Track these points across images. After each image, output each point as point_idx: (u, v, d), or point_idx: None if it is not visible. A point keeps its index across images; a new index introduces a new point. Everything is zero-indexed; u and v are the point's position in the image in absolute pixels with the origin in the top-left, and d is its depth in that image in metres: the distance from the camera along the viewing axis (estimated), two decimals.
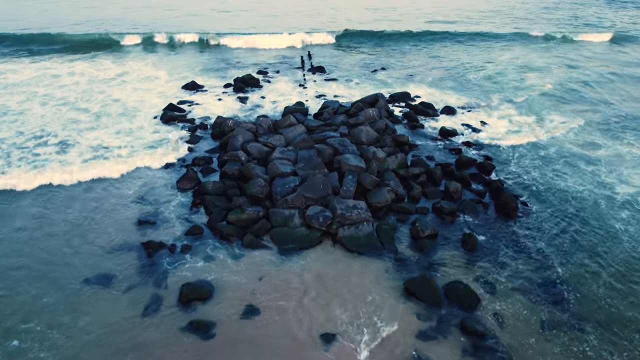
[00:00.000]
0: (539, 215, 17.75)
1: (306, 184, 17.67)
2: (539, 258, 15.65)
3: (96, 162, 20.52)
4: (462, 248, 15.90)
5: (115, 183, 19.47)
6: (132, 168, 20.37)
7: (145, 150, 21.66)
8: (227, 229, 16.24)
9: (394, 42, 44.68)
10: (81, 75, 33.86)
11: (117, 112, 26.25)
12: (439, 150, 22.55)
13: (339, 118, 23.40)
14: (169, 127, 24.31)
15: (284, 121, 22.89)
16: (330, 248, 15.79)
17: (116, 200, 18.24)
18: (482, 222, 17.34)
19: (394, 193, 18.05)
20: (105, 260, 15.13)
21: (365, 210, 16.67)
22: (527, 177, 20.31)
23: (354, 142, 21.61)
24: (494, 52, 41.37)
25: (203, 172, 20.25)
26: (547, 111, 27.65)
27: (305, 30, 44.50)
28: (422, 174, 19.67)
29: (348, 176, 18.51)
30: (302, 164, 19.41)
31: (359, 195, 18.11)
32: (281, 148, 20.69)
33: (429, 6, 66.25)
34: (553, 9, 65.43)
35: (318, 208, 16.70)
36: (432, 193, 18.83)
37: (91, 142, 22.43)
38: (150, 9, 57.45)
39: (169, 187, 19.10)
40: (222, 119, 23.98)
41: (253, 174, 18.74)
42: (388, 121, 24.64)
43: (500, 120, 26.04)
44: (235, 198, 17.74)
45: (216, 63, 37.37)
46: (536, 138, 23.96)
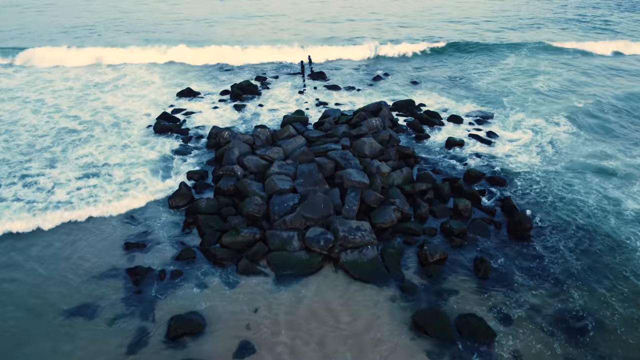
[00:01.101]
0: (552, 235, 16.58)
1: (306, 202, 16.52)
2: (555, 284, 14.50)
3: (85, 204, 17.73)
4: (473, 274, 14.74)
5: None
6: (123, 210, 17.72)
7: (138, 186, 19.04)
8: (221, 253, 15.09)
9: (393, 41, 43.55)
10: (76, 80, 32.77)
11: (110, 122, 25.11)
12: (446, 163, 21.39)
13: (341, 129, 22.25)
14: (162, 140, 23.11)
15: (282, 132, 21.75)
16: (331, 274, 14.63)
17: (101, 220, 17.09)
18: (494, 244, 16.18)
19: (399, 212, 16.89)
20: (87, 289, 13.98)
21: (369, 232, 15.52)
22: (538, 192, 19.13)
23: (356, 154, 20.47)
24: (501, 58, 40.18)
25: (197, 187, 19.10)
26: (556, 120, 26.48)
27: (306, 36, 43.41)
28: (429, 190, 18.52)
29: (351, 193, 17.37)
30: (302, 179, 18.27)
31: (363, 214, 16.97)
32: (279, 162, 19.55)
33: (432, 10, 65.17)
34: (564, 14, 64.25)
35: (318, 230, 15.55)
36: (440, 211, 17.67)
37: (82, 161, 20.88)
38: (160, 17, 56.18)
39: (160, 205, 17.95)
40: (218, 129, 22.84)
41: (249, 191, 17.60)
42: (392, 131, 23.49)
43: (508, 130, 24.87)
44: (230, 218, 16.60)
45: (213, 69, 36.23)
46: (545, 149, 22.79)
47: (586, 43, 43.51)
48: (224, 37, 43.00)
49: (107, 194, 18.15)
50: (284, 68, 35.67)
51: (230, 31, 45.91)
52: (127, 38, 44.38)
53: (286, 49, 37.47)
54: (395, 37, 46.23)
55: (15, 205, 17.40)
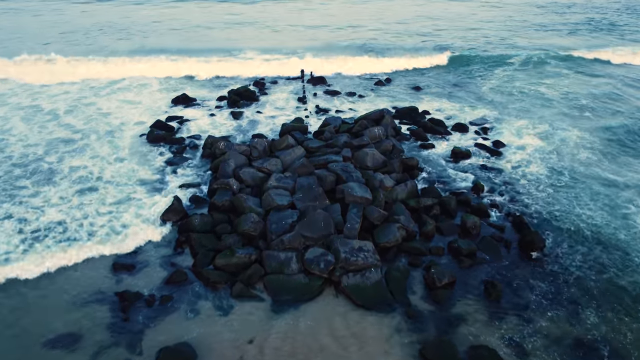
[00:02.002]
0: (564, 254, 15.65)
1: (305, 220, 15.56)
2: (570, 309, 13.60)
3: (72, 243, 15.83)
4: (484, 299, 13.79)
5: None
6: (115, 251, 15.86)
7: (129, 209, 17.57)
8: (214, 276, 14.14)
9: (392, 45, 42.64)
10: (71, 84, 31.86)
11: (105, 130, 24.21)
12: (452, 175, 20.42)
13: (342, 138, 21.29)
14: (155, 150, 22.13)
15: (281, 142, 20.79)
16: (332, 300, 13.68)
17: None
18: (504, 264, 15.22)
19: (404, 230, 15.93)
20: (71, 315, 13.04)
21: (372, 253, 14.57)
22: (546, 206, 18.19)
23: (358, 166, 19.52)
24: (505, 64, 39.22)
25: (191, 201, 18.15)
26: (563, 127, 25.53)
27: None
28: (435, 205, 17.57)
29: (352, 209, 16.41)
30: (301, 194, 17.32)
31: (365, 232, 16.02)
32: (277, 174, 18.60)
33: (437, 14, 64.26)
34: (575, 19, 63.30)
35: (318, 251, 14.59)
36: (447, 228, 16.72)
37: (75, 175, 19.80)
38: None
39: (152, 221, 16.98)
40: (213, 139, 21.89)
41: (245, 207, 16.64)
42: (395, 141, 22.56)
43: (514, 138, 23.92)
44: (225, 236, 15.64)
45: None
46: (552, 159, 21.82)
47: (594, 50, 42.50)
48: (223, 45, 41.95)
49: (95, 228, 16.48)
50: (283, 72, 34.67)
51: (228, 39, 44.85)
52: (125, 45, 43.46)
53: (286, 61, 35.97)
54: (401, 44, 45.32)
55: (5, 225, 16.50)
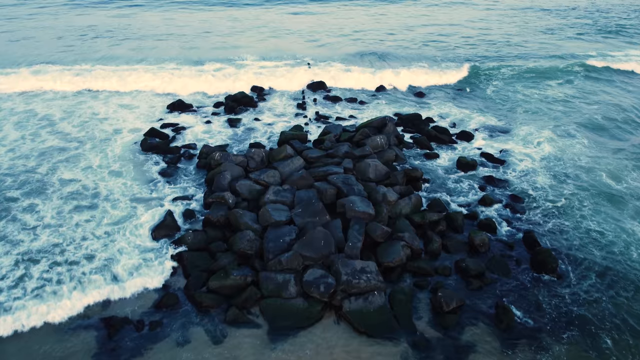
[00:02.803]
0: (578, 275, 14.79)
1: (304, 239, 14.69)
2: (587, 337, 12.76)
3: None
4: (495, 324, 12.92)
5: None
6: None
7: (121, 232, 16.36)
8: (208, 300, 13.28)
9: (399, 56, 41.73)
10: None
11: (99, 138, 23.42)
12: (458, 186, 19.56)
13: (343, 148, 20.42)
14: (149, 160, 21.28)
15: (279, 152, 19.93)
16: (333, 326, 12.81)
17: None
18: (516, 285, 14.36)
19: (409, 248, 15.07)
20: (54, 343, 12.17)
21: (375, 275, 13.70)
22: (556, 221, 17.34)
23: (360, 178, 18.67)
24: (510, 67, 38.35)
25: (185, 215, 17.28)
26: (571, 134, 24.66)
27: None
28: (441, 220, 16.71)
29: (354, 226, 15.56)
30: (300, 208, 16.45)
31: (368, 250, 15.16)
32: (275, 187, 17.74)
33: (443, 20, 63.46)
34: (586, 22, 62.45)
35: (318, 272, 13.73)
36: (454, 246, 15.86)
37: (66, 190, 19.06)
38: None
39: (143, 237, 16.10)
40: (209, 148, 21.04)
41: (241, 223, 15.78)
42: (398, 150, 21.72)
43: (521, 146, 23.06)
44: (219, 255, 14.80)
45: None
46: (560, 168, 20.95)
47: (603, 54, 41.53)
48: (223, 51, 41.03)
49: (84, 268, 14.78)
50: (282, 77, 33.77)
51: (226, 47, 43.93)
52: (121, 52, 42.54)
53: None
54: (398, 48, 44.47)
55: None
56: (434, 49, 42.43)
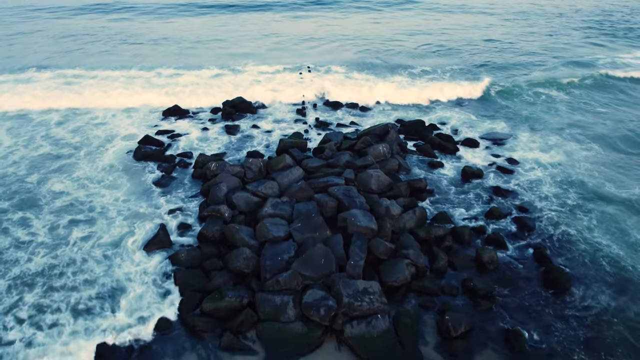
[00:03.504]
0: (590, 294, 14.00)
1: (304, 257, 13.95)
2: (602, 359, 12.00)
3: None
4: (505, 350, 12.17)
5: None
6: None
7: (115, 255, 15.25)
8: (201, 323, 12.53)
9: (400, 58, 41.00)
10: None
11: (94, 144, 22.85)
12: (464, 198, 18.80)
13: (344, 157, 19.68)
14: (143, 169, 20.53)
15: (277, 162, 19.18)
16: (334, 353, 12.06)
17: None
18: (527, 307, 13.59)
19: (414, 266, 14.32)
20: None
21: (379, 296, 12.95)
22: (567, 236, 16.54)
23: (361, 190, 17.92)
24: (515, 70, 37.59)
25: (179, 229, 16.54)
26: (579, 141, 23.91)
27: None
28: (447, 235, 15.96)
29: (356, 242, 14.80)
30: (299, 223, 15.70)
31: (370, 267, 14.41)
32: (274, 199, 17.00)
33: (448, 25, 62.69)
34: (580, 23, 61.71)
35: (318, 293, 12.97)
36: (460, 262, 15.11)
37: (56, 205, 18.36)
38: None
39: (134, 253, 15.35)
40: (205, 157, 20.30)
41: (237, 239, 15.03)
42: (401, 158, 20.98)
43: (529, 154, 22.31)
44: (214, 274, 14.05)
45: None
46: (569, 178, 20.18)
47: (613, 61, 40.64)
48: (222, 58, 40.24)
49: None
50: (281, 81, 33.00)
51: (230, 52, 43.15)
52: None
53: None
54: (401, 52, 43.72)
55: None
56: (443, 57, 41.68)
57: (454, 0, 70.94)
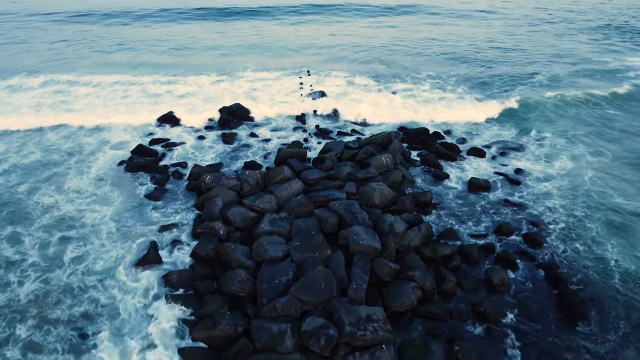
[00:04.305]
0: (607, 321, 13.09)
1: (303, 280, 13.09)
2: None
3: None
4: None
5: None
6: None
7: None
8: (192, 354, 11.65)
9: (402, 63, 40.16)
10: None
11: (86, 151, 22.25)
12: (471, 212, 17.92)
13: (345, 169, 18.83)
14: (135, 182, 19.65)
15: (276, 174, 18.32)
16: None
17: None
18: (541, 335, 12.71)
19: (420, 289, 13.46)
20: None
21: (383, 323, 12.08)
22: (580, 253, 15.67)
23: (364, 204, 17.07)
24: (522, 74, 36.70)
25: (171, 246, 15.68)
26: (588, 148, 23.05)
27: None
28: (455, 254, 15.10)
29: (359, 262, 13.94)
30: (298, 241, 14.85)
31: (373, 289, 13.55)
32: (271, 215, 16.15)
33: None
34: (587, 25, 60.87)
35: (318, 320, 12.10)
36: (469, 284, 14.24)
37: (43, 222, 17.41)
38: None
39: (124, 274, 14.47)
40: (200, 169, 19.44)
41: (232, 260, 14.17)
42: (405, 170, 20.11)
43: (537, 164, 21.46)
44: (207, 297, 13.21)
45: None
46: (581, 189, 19.34)
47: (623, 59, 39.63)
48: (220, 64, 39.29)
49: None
50: (281, 86, 32.14)
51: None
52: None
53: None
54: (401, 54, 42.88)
55: None
56: (457, 66, 40.82)
57: (463, 6, 70.11)
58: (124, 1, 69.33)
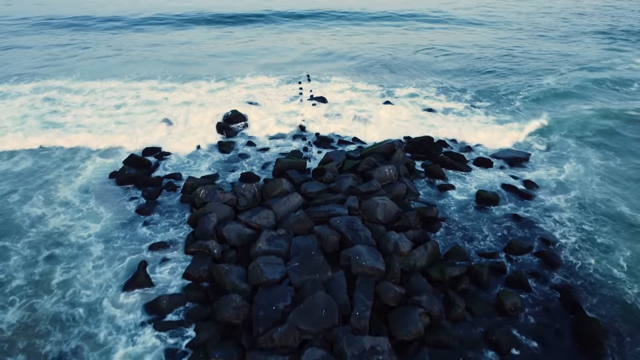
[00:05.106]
0: (628, 352, 12.22)
1: (302, 307, 12.19)
2: None
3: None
4: None
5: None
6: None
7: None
8: None
9: (404, 67, 39.27)
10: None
11: (78, 157, 21.58)
12: (479, 227, 17.02)
13: (347, 182, 17.94)
14: (125, 196, 18.72)
15: (274, 187, 17.42)
16: None
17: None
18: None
19: (427, 316, 12.56)
20: None
21: (388, 355, 11.20)
22: (596, 273, 14.78)
23: (366, 220, 16.19)
24: (532, 78, 35.75)
25: (162, 267, 14.78)
26: (599, 156, 22.17)
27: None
28: (464, 275, 14.20)
29: (362, 286, 13.06)
30: (297, 262, 13.96)
31: (377, 314, 12.66)
32: (269, 232, 15.26)
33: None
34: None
35: (318, 352, 11.21)
36: (479, 308, 13.35)
37: (27, 241, 16.54)
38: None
39: (112, 298, 13.56)
40: (194, 181, 18.55)
41: (227, 283, 13.28)
42: (409, 181, 19.22)
43: (547, 176, 20.56)
44: (199, 324, 12.31)
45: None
46: (593, 202, 18.47)
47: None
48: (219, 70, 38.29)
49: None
50: (280, 92, 31.24)
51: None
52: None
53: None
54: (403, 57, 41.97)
55: None
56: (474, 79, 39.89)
57: (473, 15, 69.20)
58: (118, 7, 68.39)
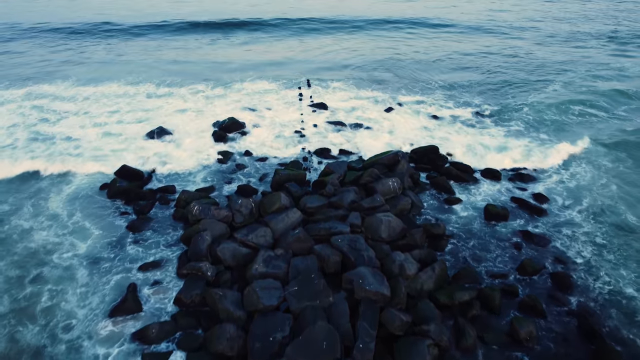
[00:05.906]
0: None
1: (301, 339, 11.28)
2: None
3: None
4: None
5: None
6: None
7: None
8: None
9: (405, 69, 38.39)
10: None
11: (63, 170, 20.54)
12: (489, 246, 16.12)
13: (349, 196, 17.03)
14: (116, 211, 17.80)
15: (272, 202, 16.51)
16: None
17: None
18: None
19: (436, 347, 11.65)
20: None
21: None
22: (612, 296, 13.90)
23: (370, 238, 15.29)
24: (540, 84, 34.89)
25: (152, 288, 13.88)
26: (611, 168, 21.26)
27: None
28: (474, 300, 13.29)
29: (366, 313, 12.15)
30: (296, 286, 13.05)
31: (382, 344, 11.77)
32: (266, 252, 14.35)
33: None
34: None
35: None
36: (491, 337, 12.44)
37: (26, 240, 15.89)
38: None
39: (97, 327, 12.64)
40: (188, 194, 17.61)
41: (220, 309, 12.38)
42: (414, 195, 18.31)
43: (559, 190, 19.66)
44: (191, 356, 11.42)
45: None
46: (607, 218, 17.61)
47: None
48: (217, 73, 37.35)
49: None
50: (279, 96, 30.35)
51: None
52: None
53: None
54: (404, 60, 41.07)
55: None
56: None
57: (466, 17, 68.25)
58: (118, 13, 67.46)
